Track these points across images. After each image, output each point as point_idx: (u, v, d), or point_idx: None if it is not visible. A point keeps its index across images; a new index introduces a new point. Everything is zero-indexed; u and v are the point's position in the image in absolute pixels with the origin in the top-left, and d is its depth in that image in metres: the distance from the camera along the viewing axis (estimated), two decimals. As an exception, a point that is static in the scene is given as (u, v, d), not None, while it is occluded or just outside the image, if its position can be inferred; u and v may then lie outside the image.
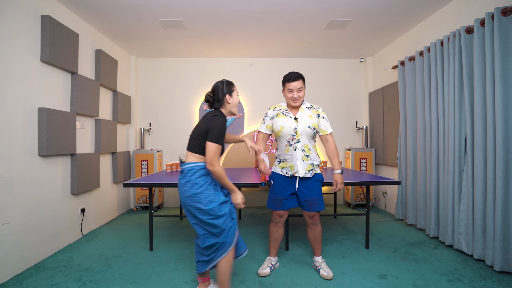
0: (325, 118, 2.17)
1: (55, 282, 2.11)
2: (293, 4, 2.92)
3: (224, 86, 1.77)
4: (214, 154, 1.62)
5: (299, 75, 2.08)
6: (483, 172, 2.34)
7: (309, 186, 2.10)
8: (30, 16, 2.41)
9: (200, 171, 1.69)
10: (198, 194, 1.65)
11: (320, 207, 2.13)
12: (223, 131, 1.67)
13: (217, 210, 1.67)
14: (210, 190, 1.68)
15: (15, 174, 2.23)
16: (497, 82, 2.18)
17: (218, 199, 1.69)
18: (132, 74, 4.48)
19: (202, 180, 1.67)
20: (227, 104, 1.78)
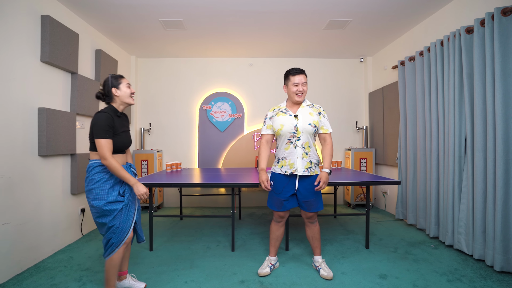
0: (326, 117, 2.17)
1: (55, 282, 2.11)
2: (293, 4, 2.92)
3: (109, 80, 1.82)
4: (103, 149, 1.67)
5: (303, 70, 2.12)
6: (483, 172, 2.34)
7: (308, 187, 2.10)
8: (30, 16, 2.41)
9: (97, 168, 1.76)
10: (91, 190, 1.74)
11: (318, 207, 2.15)
12: (107, 124, 1.70)
13: (103, 207, 1.72)
14: (103, 187, 1.74)
15: (15, 174, 2.23)
16: (497, 82, 2.18)
17: (108, 198, 1.73)
18: (132, 74, 4.48)
19: (97, 177, 1.75)
20: (116, 97, 1.83)
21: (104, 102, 1.86)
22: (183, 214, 4.00)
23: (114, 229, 1.76)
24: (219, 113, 4.56)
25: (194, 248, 2.76)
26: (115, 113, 1.81)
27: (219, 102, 4.57)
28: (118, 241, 1.77)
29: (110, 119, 1.73)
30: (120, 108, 1.87)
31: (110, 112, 1.77)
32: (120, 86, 1.83)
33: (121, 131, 1.82)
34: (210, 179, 2.80)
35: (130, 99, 1.88)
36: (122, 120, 1.87)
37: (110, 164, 1.69)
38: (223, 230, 3.31)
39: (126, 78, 1.90)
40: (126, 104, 1.88)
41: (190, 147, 4.61)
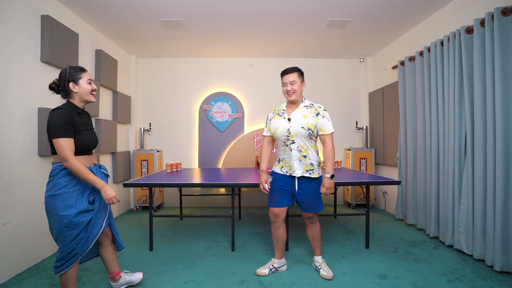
0: (326, 117, 2.06)
1: (55, 282, 2.11)
2: (293, 4, 2.92)
3: (67, 72, 1.60)
4: (64, 149, 1.48)
5: (293, 68, 2.06)
6: (483, 172, 2.34)
7: (307, 189, 2.08)
8: (30, 16, 2.41)
9: (62, 171, 1.57)
10: (56, 196, 1.53)
11: (317, 208, 2.13)
12: (65, 122, 1.51)
13: (72, 218, 1.53)
14: (71, 194, 1.56)
15: (15, 174, 2.23)
16: (497, 82, 2.18)
17: (78, 206, 1.55)
18: (132, 74, 4.48)
19: (63, 181, 1.56)
20: (73, 93, 1.62)
21: (61, 96, 1.66)
22: (183, 214, 4.00)
23: (79, 239, 1.57)
24: (219, 113, 4.56)
25: (194, 248, 2.76)
26: (75, 110, 1.62)
27: (219, 102, 4.57)
28: (83, 251, 1.60)
29: (69, 116, 1.54)
30: (81, 105, 1.67)
31: (68, 108, 1.57)
32: (80, 82, 1.62)
33: (83, 129, 1.62)
34: (210, 179, 2.80)
35: (90, 96, 1.66)
36: (84, 117, 1.68)
37: (73, 166, 1.49)
38: (223, 230, 3.31)
39: (88, 72, 1.69)
40: (85, 102, 1.68)
41: (190, 147, 4.61)
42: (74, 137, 1.56)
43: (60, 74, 1.63)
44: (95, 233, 1.63)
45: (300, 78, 2.07)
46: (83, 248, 1.60)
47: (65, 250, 1.57)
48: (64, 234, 1.56)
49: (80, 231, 1.58)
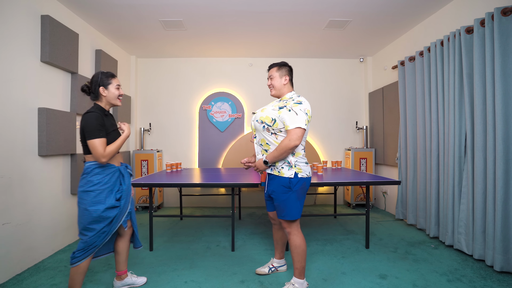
0: (294, 111, 1.78)
1: (55, 282, 2.11)
2: (293, 4, 2.92)
3: (99, 77, 1.75)
4: (98, 149, 1.63)
5: (272, 64, 1.99)
6: (483, 172, 2.34)
7: (274, 189, 1.89)
8: (30, 16, 2.41)
9: (96, 169, 1.71)
10: (89, 192, 1.67)
11: (284, 215, 1.86)
12: (98, 123, 1.66)
13: (101, 213, 1.67)
14: (102, 191, 1.69)
15: (15, 174, 2.23)
16: (497, 82, 2.18)
17: (107, 202, 1.69)
18: (132, 74, 4.48)
19: (96, 179, 1.69)
20: (102, 97, 1.78)
21: (90, 97, 1.81)
22: (183, 214, 4.00)
23: (101, 232, 1.70)
24: (219, 113, 4.56)
25: (194, 248, 2.76)
26: (102, 112, 1.75)
27: (219, 102, 4.57)
28: (101, 243, 1.73)
29: (101, 118, 1.68)
30: (107, 108, 1.81)
31: (98, 111, 1.71)
32: (109, 87, 1.77)
33: (111, 130, 1.76)
34: (210, 179, 2.80)
35: (117, 100, 1.82)
36: (110, 119, 1.82)
37: (110, 154, 1.67)
38: (223, 230, 3.31)
39: (117, 78, 1.84)
40: (111, 105, 1.83)
41: (190, 147, 4.61)
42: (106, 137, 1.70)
43: (92, 78, 1.77)
44: (115, 227, 1.76)
45: (279, 72, 1.94)
46: (102, 240, 1.73)
47: (88, 241, 1.69)
48: (92, 227, 1.68)
49: (105, 225, 1.70)
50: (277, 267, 2.24)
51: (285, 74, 1.95)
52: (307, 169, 1.91)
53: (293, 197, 1.85)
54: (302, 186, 1.87)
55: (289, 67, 1.99)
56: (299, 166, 1.86)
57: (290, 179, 1.84)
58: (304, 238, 1.93)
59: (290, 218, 1.86)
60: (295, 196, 1.85)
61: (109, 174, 1.74)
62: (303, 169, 1.87)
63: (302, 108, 1.79)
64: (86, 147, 1.71)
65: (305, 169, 1.88)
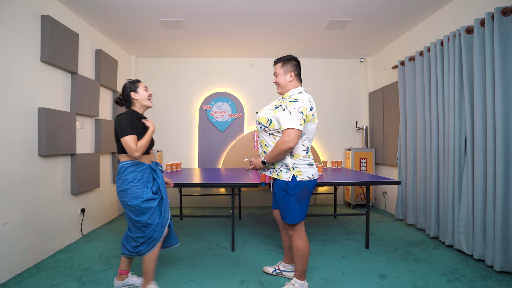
0: (289, 110, 1.69)
1: (55, 282, 2.11)
2: (293, 4, 2.92)
3: (127, 85, 1.91)
4: (130, 144, 1.75)
5: (279, 59, 1.88)
6: (483, 172, 2.34)
7: (276, 191, 1.88)
8: (30, 16, 2.41)
9: (129, 168, 1.82)
10: (126, 190, 1.79)
11: (285, 218, 1.84)
12: (128, 122, 1.78)
13: (141, 205, 1.79)
14: (138, 187, 1.80)
15: (15, 174, 2.23)
16: (497, 82, 2.18)
17: (144, 196, 1.80)
18: (132, 74, 4.48)
19: (130, 177, 1.80)
20: (134, 100, 1.91)
21: (124, 106, 1.94)
22: (183, 214, 4.00)
23: (155, 226, 1.82)
24: (219, 113, 4.56)
25: (194, 248, 2.76)
26: (135, 115, 1.88)
27: (219, 102, 4.57)
28: (160, 236, 1.85)
29: (130, 119, 1.81)
30: (141, 111, 1.94)
31: (129, 113, 1.84)
32: (138, 90, 1.91)
33: (142, 132, 1.86)
34: (210, 179, 2.80)
35: (148, 101, 1.95)
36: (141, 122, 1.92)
37: (142, 148, 1.78)
38: (223, 230, 3.31)
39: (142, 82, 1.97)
40: (145, 107, 1.95)
41: (190, 147, 4.61)
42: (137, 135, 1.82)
43: (122, 89, 1.92)
44: (167, 218, 1.89)
45: (284, 68, 1.83)
46: (160, 232, 1.85)
47: (146, 235, 1.83)
48: (138, 220, 1.81)
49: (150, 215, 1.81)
50: (282, 270, 2.18)
51: (290, 70, 1.83)
52: (310, 171, 1.80)
53: (292, 201, 1.79)
54: (303, 189, 1.78)
55: (295, 61, 1.86)
56: (298, 169, 1.77)
57: (287, 183, 1.78)
58: (308, 242, 1.89)
59: (289, 222, 1.82)
60: (294, 200, 1.78)
61: (141, 171, 1.84)
62: (304, 172, 1.78)
63: (296, 107, 1.68)
64: (119, 146, 1.84)
65: (307, 172, 1.79)
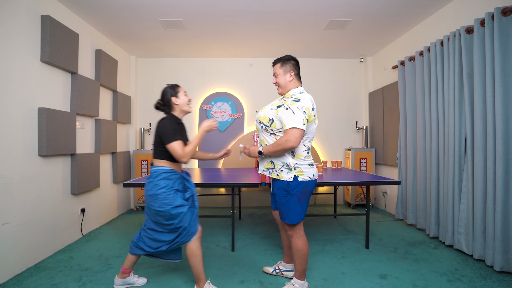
0: (291, 109, 1.68)
1: (55, 282, 2.11)
2: (293, 4, 2.92)
3: (168, 90, 1.91)
4: (178, 151, 1.75)
5: (277, 59, 1.88)
6: (483, 172, 2.34)
7: (276, 192, 1.86)
8: (30, 16, 2.41)
9: (163, 174, 1.81)
10: (157, 195, 1.78)
11: (285, 218, 1.83)
12: (173, 128, 1.78)
13: (171, 211, 1.78)
14: (169, 193, 1.79)
15: (15, 174, 2.23)
16: (497, 82, 2.18)
17: (174, 202, 1.78)
18: (132, 74, 4.48)
19: (162, 183, 1.79)
20: (175, 105, 1.91)
21: (164, 112, 1.94)
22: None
23: (182, 230, 1.82)
24: (219, 113, 4.56)
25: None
26: (175, 120, 1.87)
27: (219, 102, 4.57)
28: (187, 239, 1.84)
29: (174, 123, 1.82)
30: (180, 116, 1.94)
31: (170, 119, 1.84)
32: (179, 95, 1.91)
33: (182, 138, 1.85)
34: (210, 179, 2.80)
35: (188, 106, 1.95)
36: (181, 128, 1.93)
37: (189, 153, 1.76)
38: (223, 230, 3.31)
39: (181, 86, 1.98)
40: (184, 112, 1.95)
41: (190, 147, 4.60)
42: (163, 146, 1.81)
43: (162, 93, 1.92)
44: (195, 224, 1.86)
45: (283, 69, 1.83)
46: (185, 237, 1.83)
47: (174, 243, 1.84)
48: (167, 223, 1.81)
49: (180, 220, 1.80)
50: (282, 270, 2.18)
51: (289, 70, 1.83)
52: (311, 172, 1.81)
53: (292, 201, 1.79)
54: (304, 189, 1.78)
55: (294, 61, 1.86)
56: (300, 169, 1.78)
57: (288, 183, 1.78)
58: (307, 242, 1.89)
59: (290, 222, 1.82)
60: (295, 200, 1.78)
61: (173, 179, 1.83)
62: (305, 172, 1.78)
63: (299, 106, 1.68)
64: (157, 151, 1.84)
65: (308, 172, 1.79)
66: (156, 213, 1.81)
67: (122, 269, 2.00)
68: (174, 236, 1.84)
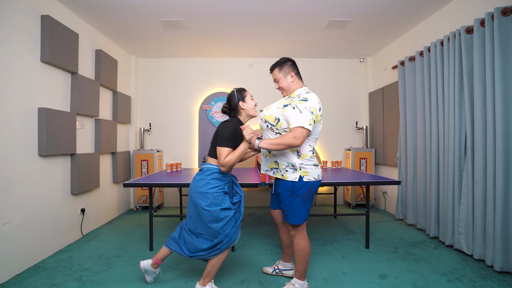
0: (298, 108, 1.67)
1: (55, 282, 2.11)
2: (293, 4, 2.92)
3: (235, 95, 1.87)
4: (223, 157, 1.72)
5: (273, 65, 1.90)
6: (483, 172, 2.34)
7: (280, 192, 1.86)
8: (30, 16, 2.41)
9: (215, 174, 1.81)
10: (207, 194, 1.77)
11: (289, 218, 1.82)
12: (231, 134, 1.75)
13: (218, 213, 1.76)
14: (219, 194, 1.78)
15: (15, 174, 2.23)
16: (497, 82, 2.18)
17: (222, 204, 1.78)
18: (132, 74, 4.48)
19: (215, 182, 1.79)
20: (242, 110, 1.88)
21: (229, 115, 1.92)
22: (183, 214, 4.00)
23: (224, 236, 1.79)
24: (219, 113, 4.56)
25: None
26: (240, 124, 1.85)
27: (219, 102, 4.57)
28: (226, 247, 1.83)
29: (235, 130, 1.77)
30: (245, 121, 1.91)
31: (236, 123, 1.81)
32: (246, 99, 1.88)
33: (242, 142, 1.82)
34: (210, 179, 2.79)
35: (254, 111, 1.90)
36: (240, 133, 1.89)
37: (227, 164, 1.73)
38: (223, 230, 3.30)
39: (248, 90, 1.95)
40: (250, 117, 1.91)
41: (190, 147, 4.61)
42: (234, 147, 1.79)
43: (228, 98, 1.89)
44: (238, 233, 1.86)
45: (283, 72, 1.85)
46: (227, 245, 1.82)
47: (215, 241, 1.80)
48: (210, 226, 1.78)
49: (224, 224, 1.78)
50: (282, 270, 2.19)
51: (289, 71, 1.85)
52: (316, 172, 1.80)
53: (297, 201, 1.78)
54: (308, 190, 1.78)
55: (290, 61, 1.88)
56: (305, 169, 1.77)
57: (293, 183, 1.77)
58: (309, 242, 1.88)
59: (294, 222, 1.81)
60: (300, 201, 1.78)
61: (224, 181, 1.84)
62: (310, 172, 1.78)
63: (307, 106, 1.67)
64: (213, 150, 1.83)
65: (313, 172, 1.79)
66: (201, 212, 1.77)
67: (155, 258, 2.03)
68: (214, 243, 1.80)
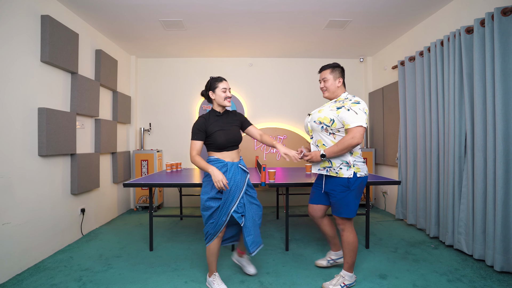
0: (353, 110, 1.82)
1: (55, 282, 2.11)
2: (293, 4, 2.92)
3: (209, 83, 1.97)
4: (191, 149, 1.89)
5: (326, 66, 2.05)
6: (483, 172, 2.34)
7: (332, 188, 1.96)
8: (30, 16, 2.41)
9: (210, 163, 1.94)
10: (203, 182, 1.96)
11: (341, 212, 1.94)
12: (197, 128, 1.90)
13: (204, 202, 1.90)
14: (209, 182, 1.91)
15: (15, 174, 2.23)
16: (497, 82, 2.18)
17: (209, 193, 1.90)
18: (132, 74, 4.48)
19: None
20: (212, 100, 1.99)
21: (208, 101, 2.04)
22: (183, 214, 4.00)
23: (210, 223, 1.92)
24: (219, 113, 4.55)
25: (194, 248, 2.76)
26: (214, 114, 1.96)
27: (219, 102, 4.56)
28: (214, 233, 1.92)
29: (202, 123, 1.90)
30: (218, 109, 1.99)
31: (206, 115, 1.94)
32: (216, 90, 1.95)
33: (217, 130, 1.91)
34: (210, 179, 2.79)
35: (225, 101, 1.96)
36: (222, 119, 1.98)
37: (193, 161, 1.86)
38: (223, 230, 3.30)
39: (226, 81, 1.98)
40: (222, 107, 1.99)
41: (190, 147, 4.60)
42: (205, 139, 1.93)
43: (206, 85, 2.00)
44: (223, 219, 1.90)
45: (333, 75, 2.01)
46: (214, 229, 1.92)
47: (204, 229, 1.97)
48: (202, 214, 1.95)
49: (211, 214, 1.91)
50: (335, 259, 2.30)
51: (339, 76, 2.02)
52: (365, 168, 1.96)
53: (351, 196, 1.91)
54: (360, 185, 1.93)
55: (341, 68, 2.05)
56: (358, 166, 1.91)
57: (349, 179, 1.90)
58: (357, 235, 2.00)
59: (347, 215, 1.94)
60: (353, 195, 1.92)
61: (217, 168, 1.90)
62: (361, 168, 1.93)
63: (361, 108, 1.84)
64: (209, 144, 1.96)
65: (363, 168, 1.94)
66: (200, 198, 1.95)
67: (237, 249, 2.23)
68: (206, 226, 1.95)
